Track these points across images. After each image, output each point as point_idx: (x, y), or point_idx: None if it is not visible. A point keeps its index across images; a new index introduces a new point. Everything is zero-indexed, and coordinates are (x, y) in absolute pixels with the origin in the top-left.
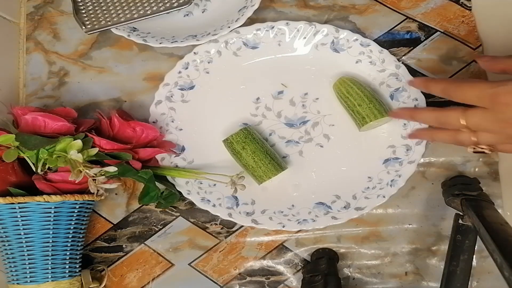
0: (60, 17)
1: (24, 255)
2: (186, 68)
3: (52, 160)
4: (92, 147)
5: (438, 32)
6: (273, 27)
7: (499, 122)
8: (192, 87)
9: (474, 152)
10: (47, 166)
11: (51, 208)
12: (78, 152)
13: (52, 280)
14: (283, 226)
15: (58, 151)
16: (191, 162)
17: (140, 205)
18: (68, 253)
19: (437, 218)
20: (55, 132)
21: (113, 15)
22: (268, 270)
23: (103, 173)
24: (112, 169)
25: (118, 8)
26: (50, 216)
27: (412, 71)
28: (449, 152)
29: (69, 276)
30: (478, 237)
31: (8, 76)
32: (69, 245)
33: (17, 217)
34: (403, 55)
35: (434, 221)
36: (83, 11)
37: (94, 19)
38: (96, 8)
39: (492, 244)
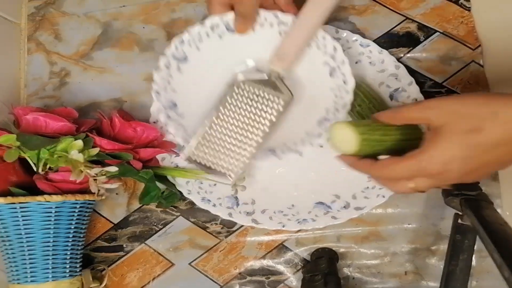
0: (61, 18)
1: (24, 255)
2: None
3: (53, 160)
4: (93, 147)
5: (438, 33)
6: None
7: (433, 178)
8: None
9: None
10: (48, 166)
11: (52, 208)
12: (79, 152)
13: (52, 280)
14: (283, 226)
15: (59, 151)
16: None
17: (141, 205)
18: (68, 253)
19: (436, 218)
20: (56, 132)
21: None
22: (268, 269)
23: (104, 173)
24: (113, 169)
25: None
26: (51, 216)
27: (412, 72)
28: None
29: (70, 275)
30: (477, 236)
31: (9, 76)
32: (69, 244)
33: (18, 217)
34: (403, 56)
35: (433, 220)
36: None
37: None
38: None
39: (491, 244)
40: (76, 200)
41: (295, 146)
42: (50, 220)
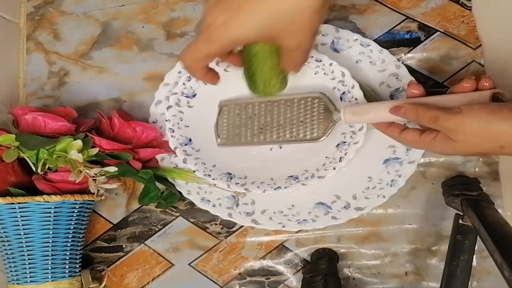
0: (60, 18)
1: (24, 255)
2: None
3: (52, 160)
4: (92, 147)
5: (438, 32)
6: None
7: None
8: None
9: None
10: (47, 166)
11: (51, 208)
12: (78, 152)
13: (52, 280)
14: (283, 226)
15: (58, 151)
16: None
17: (140, 205)
18: (68, 253)
19: (437, 218)
20: (55, 132)
21: (248, 136)
22: (268, 270)
23: (103, 173)
24: (112, 169)
25: (253, 130)
26: (50, 216)
27: (412, 71)
28: None
29: (69, 276)
30: (478, 237)
31: (8, 76)
32: (69, 245)
33: (17, 217)
34: (403, 55)
35: (434, 221)
36: (225, 125)
37: (230, 135)
38: (234, 127)
39: (492, 244)
40: (75, 200)
41: (317, 172)
42: (49, 221)
